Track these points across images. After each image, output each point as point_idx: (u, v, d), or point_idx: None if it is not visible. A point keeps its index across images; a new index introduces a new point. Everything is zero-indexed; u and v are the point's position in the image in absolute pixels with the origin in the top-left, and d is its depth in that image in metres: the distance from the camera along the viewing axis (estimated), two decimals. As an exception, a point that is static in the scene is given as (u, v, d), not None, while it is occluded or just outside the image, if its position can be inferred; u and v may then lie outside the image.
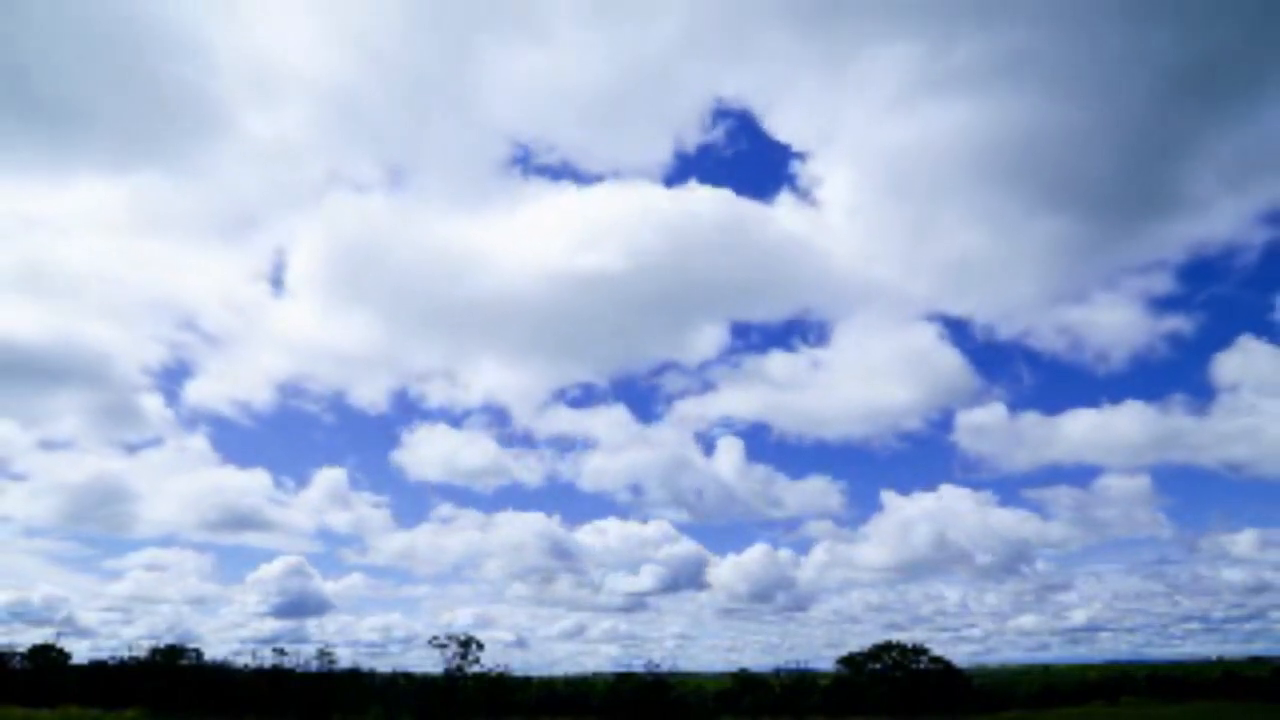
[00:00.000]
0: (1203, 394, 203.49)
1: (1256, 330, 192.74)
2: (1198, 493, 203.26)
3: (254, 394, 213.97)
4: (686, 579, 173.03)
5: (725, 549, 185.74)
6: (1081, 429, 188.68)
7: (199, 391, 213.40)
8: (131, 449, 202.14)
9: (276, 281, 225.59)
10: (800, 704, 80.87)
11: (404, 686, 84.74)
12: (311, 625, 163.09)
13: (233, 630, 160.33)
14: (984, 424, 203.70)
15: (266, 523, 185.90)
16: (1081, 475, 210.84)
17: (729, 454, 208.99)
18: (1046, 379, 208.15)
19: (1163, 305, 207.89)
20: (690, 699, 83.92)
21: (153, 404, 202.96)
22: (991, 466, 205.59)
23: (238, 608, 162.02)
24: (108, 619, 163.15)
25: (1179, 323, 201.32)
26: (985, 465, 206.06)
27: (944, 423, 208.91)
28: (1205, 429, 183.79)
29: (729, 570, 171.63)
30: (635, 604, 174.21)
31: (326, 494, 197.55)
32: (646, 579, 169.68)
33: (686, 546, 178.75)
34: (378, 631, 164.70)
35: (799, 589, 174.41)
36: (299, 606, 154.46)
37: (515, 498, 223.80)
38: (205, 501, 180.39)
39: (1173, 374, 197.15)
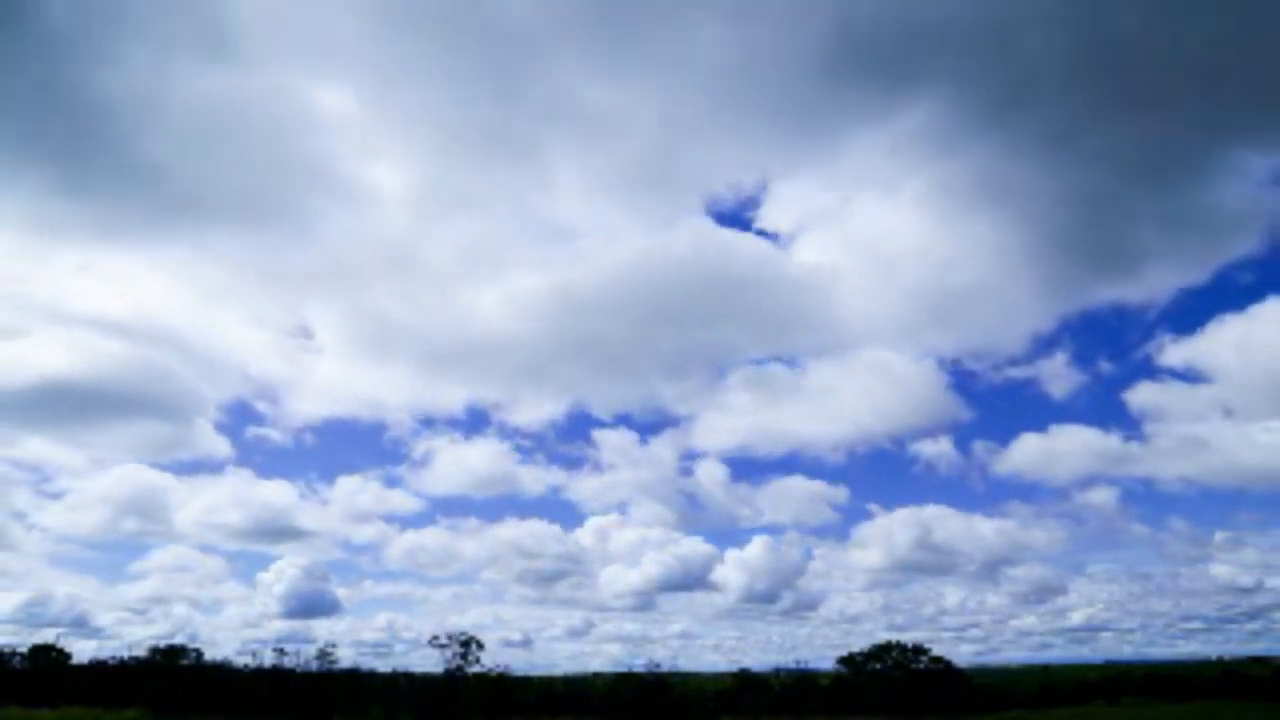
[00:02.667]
0: (1133, 422, 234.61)
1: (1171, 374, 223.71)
2: (1172, 502, 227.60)
3: (295, 424, 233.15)
4: (689, 580, 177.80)
5: (725, 553, 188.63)
6: (1051, 448, 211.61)
7: (250, 424, 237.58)
8: (177, 471, 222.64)
9: (317, 337, 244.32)
10: (800, 704, 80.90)
11: (404, 686, 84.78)
12: (324, 626, 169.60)
13: (246, 631, 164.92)
14: (969, 444, 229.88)
15: (289, 529, 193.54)
16: (1063, 489, 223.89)
17: (725, 470, 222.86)
18: (1016, 404, 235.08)
19: (1103, 347, 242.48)
20: (690, 699, 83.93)
21: (206, 434, 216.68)
22: (978, 480, 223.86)
23: (251, 609, 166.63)
24: (125, 619, 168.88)
25: (1110, 365, 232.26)
26: (972, 479, 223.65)
27: (931, 443, 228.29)
28: (1150, 449, 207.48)
29: (731, 572, 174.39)
30: (637, 604, 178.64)
31: (345, 504, 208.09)
32: (648, 580, 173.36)
33: (688, 549, 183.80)
34: (385, 632, 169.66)
35: (800, 590, 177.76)
36: (313, 608, 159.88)
37: (523, 507, 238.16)
38: (234, 511, 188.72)
39: (1108, 404, 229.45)
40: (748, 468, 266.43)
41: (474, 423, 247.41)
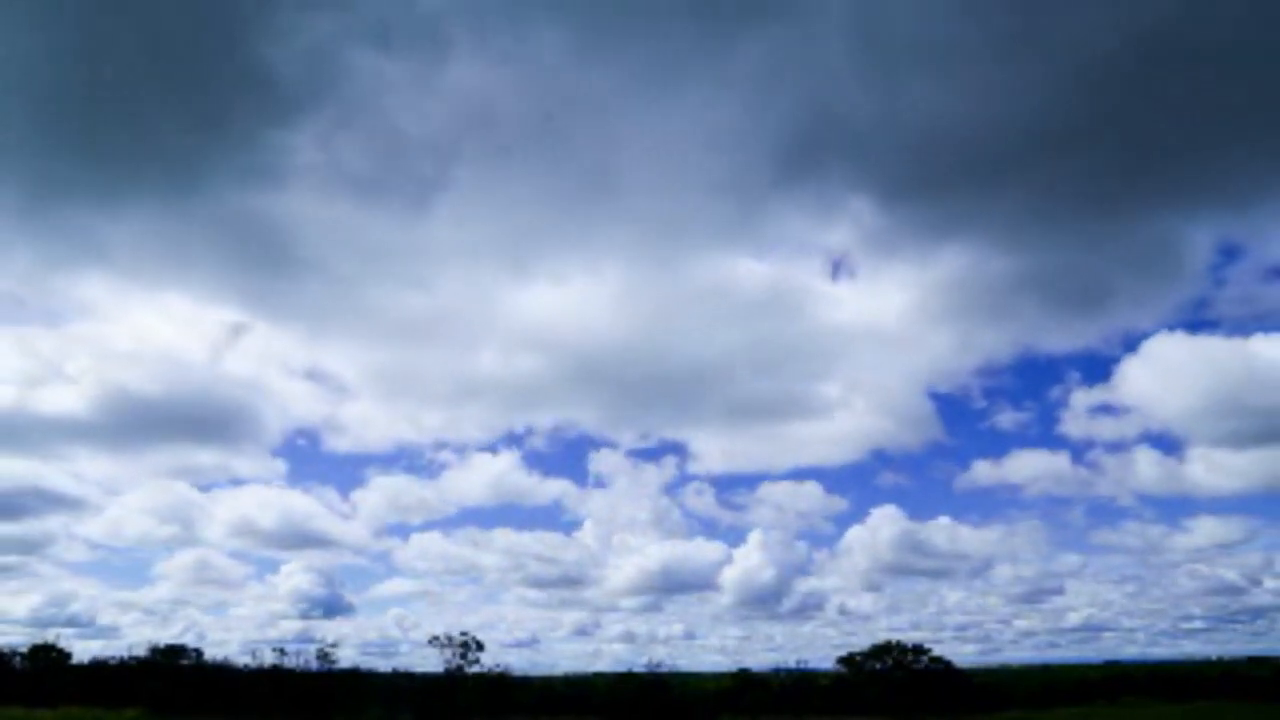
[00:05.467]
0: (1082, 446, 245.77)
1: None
2: (1168, 506, 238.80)
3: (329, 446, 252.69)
4: (690, 582, 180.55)
5: (723, 554, 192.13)
6: (1047, 462, 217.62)
7: (290, 447, 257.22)
8: (214, 487, 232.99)
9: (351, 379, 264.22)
10: (800, 704, 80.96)
11: (404, 686, 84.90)
12: (338, 627, 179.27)
13: (260, 631, 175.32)
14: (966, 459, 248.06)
15: (313, 537, 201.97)
16: (1057, 496, 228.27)
17: (729, 477, 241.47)
18: (998, 425, 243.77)
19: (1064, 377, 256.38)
20: (690, 698, 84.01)
21: (253, 456, 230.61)
22: (973, 491, 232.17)
23: (271, 610, 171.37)
24: (143, 621, 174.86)
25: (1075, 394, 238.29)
26: (967, 490, 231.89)
27: (924, 458, 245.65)
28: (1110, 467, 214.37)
29: (731, 573, 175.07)
30: (639, 606, 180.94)
31: (365, 515, 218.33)
32: (650, 582, 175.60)
33: (689, 552, 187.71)
34: (397, 632, 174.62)
35: (800, 591, 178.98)
36: (331, 610, 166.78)
37: (529, 517, 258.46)
38: (264, 521, 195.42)
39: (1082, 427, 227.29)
40: (749, 478, 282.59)
41: (487, 443, 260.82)
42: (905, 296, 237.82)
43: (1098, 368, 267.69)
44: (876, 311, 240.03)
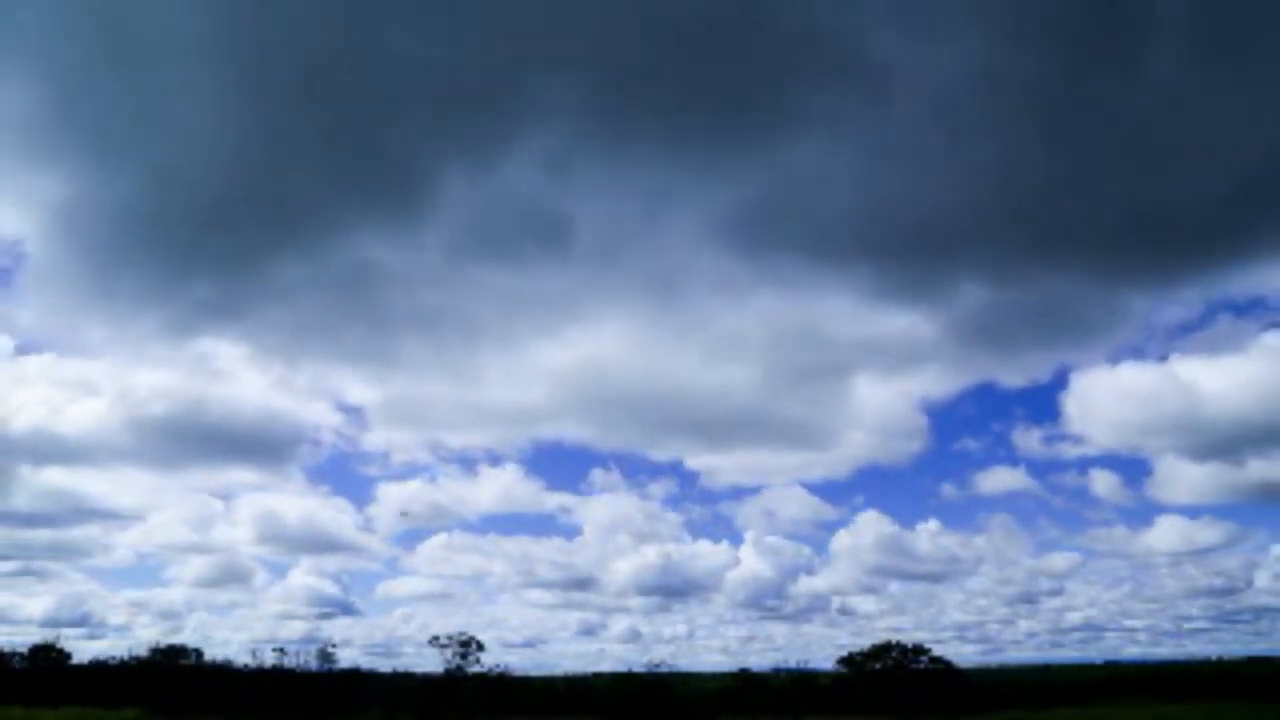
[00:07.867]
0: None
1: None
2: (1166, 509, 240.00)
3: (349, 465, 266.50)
4: (691, 583, 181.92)
5: (724, 554, 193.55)
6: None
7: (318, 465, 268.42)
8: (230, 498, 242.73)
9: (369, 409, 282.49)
10: (800, 704, 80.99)
11: (404, 686, 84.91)
12: (346, 628, 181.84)
13: (269, 632, 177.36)
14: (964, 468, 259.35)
15: (331, 542, 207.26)
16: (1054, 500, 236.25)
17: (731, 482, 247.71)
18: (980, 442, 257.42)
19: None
20: (691, 698, 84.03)
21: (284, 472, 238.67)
22: (971, 498, 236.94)
23: (278, 611, 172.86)
24: (157, 623, 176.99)
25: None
26: (965, 497, 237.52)
27: (920, 468, 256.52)
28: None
29: (732, 574, 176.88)
30: (640, 607, 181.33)
31: (379, 521, 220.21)
32: (652, 584, 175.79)
33: (691, 554, 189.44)
34: (406, 631, 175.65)
35: (801, 592, 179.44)
36: (344, 610, 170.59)
37: (530, 524, 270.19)
38: (287, 526, 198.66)
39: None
40: (751, 486, 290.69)
41: (495, 457, 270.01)
42: (896, 327, 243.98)
43: (1049, 398, 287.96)
44: (870, 340, 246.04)
